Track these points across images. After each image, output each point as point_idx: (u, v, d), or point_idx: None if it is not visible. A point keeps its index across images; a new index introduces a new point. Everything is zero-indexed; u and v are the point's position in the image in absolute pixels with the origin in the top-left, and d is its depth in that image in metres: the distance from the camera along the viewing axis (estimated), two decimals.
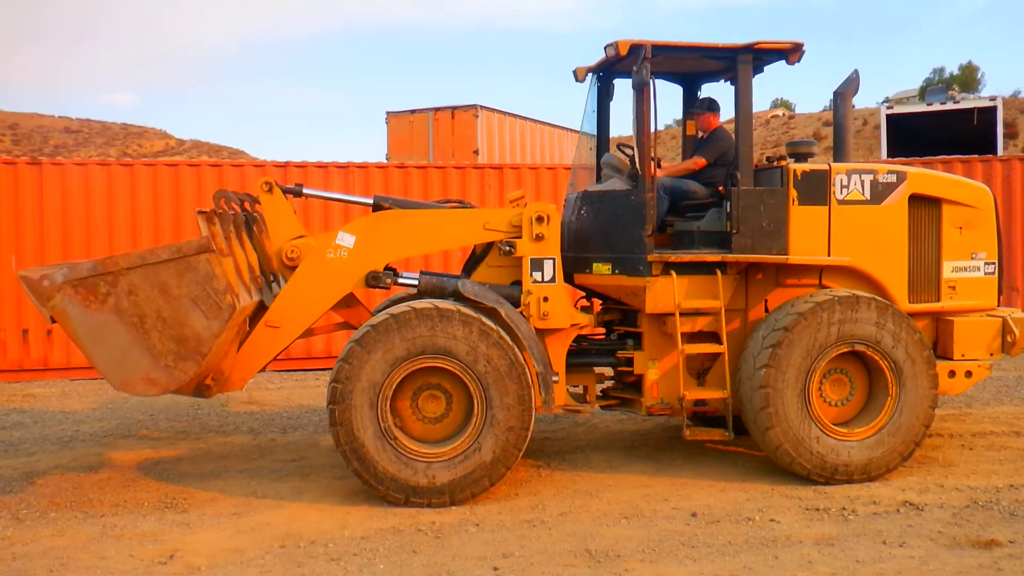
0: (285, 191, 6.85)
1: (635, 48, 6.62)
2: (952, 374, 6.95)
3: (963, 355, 6.98)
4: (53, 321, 5.84)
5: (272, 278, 7.20)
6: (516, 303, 6.65)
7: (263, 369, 7.01)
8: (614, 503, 6.25)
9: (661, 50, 6.70)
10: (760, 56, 6.92)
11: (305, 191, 7.09)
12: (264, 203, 6.75)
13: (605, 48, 6.91)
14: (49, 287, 5.73)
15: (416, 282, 6.89)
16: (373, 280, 6.71)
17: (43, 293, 5.74)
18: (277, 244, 6.71)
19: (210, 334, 5.83)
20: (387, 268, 6.84)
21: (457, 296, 6.61)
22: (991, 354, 7.04)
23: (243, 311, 6.14)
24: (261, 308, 6.74)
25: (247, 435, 8.52)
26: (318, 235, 6.95)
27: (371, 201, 7.20)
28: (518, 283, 6.76)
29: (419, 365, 6.22)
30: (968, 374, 6.99)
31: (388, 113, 21.95)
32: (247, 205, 7.20)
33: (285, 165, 12.41)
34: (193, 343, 5.83)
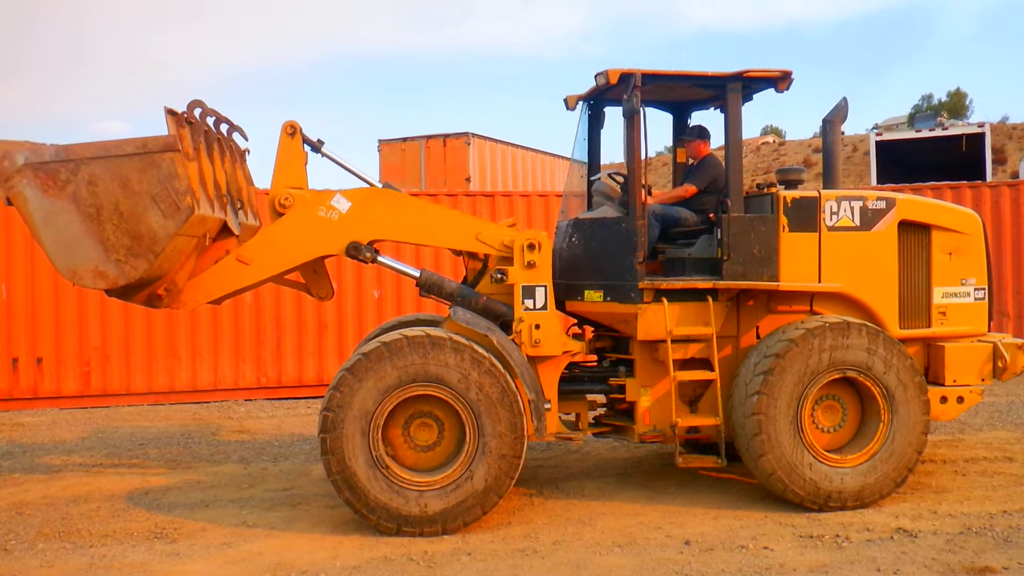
0: (305, 141, 6.88)
1: (625, 77, 6.67)
2: (944, 400, 6.95)
3: (954, 381, 6.98)
4: (9, 203, 5.80)
5: (239, 206, 7.12)
6: (508, 325, 6.65)
7: (217, 302, 6.99)
8: (607, 531, 6.22)
9: (651, 79, 6.74)
10: (749, 84, 6.97)
11: (324, 151, 7.08)
12: (281, 145, 6.76)
13: (595, 77, 6.96)
14: (8, 168, 5.72)
15: (401, 268, 6.94)
16: (354, 251, 6.69)
17: (2, 173, 5.71)
18: (275, 188, 6.71)
19: (165, 233, 5.79)
20: (370, 244, 6.82)
21: (454, 301, 6.72)
22: (982, 379, 7.05)
23: (203, 220, 6.08)
24: (226, 232, 6.69)
25: (238, 464, 8.47)
26: (315, 191, 6.89)
27: (380, 186, 7.25)
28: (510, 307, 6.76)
29: (411, 393, 6.20)
30: (960, 400, 6.99)
31: (380, 141, 21.99)
32: (223, 128, 7.02)
33: None
34: (147, 241, 5.80)
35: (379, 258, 6.81)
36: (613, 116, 7.70)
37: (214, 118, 6.79)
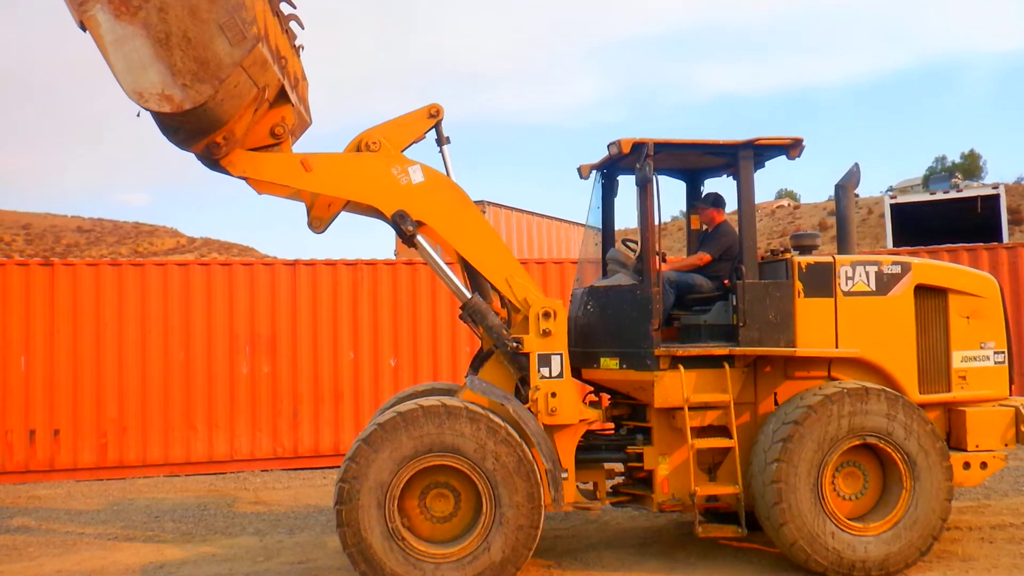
0: (437, 128, 7.17)
1: (637, 146, 6.74)
2: (967, 465, 6.86)
3: (977, 446, 6.90)
4: (83, 29, 5.82)
5: (294, 83, 7.11)
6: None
7: (260, 186, 6.98)
8: None
9: (663, 147, 6.81)
10: (761, 151, 7.04)
11: (444, 149, 7.28)
12: (413, 114, 7.07)
13: (608, 146, 7.03)
14: None
15: (448, 272, 6.92)
16: (400, 219, 6.74)
17: None
18: (372, 131, 6.92)
19: (231, 60, 5.84)
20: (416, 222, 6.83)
21: (491, 334, 6.75)
22: (1005, 444, 6.96)
23: (265, 65, 6.11)
24: (282, 100, 6.73)
25: (253, 536, 8.41)
26: (399, 155, 7.02)
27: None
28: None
29: (427, 463, 6.17)
30: (983, 465, 6.89)
31: None
32: (283, 8, 6.97)
33: (294, 263, 12.51)
34: (213, 66, 5.85)
35: (418, 237, 6.82)
36: (627, 184, 7.77)
37: None
